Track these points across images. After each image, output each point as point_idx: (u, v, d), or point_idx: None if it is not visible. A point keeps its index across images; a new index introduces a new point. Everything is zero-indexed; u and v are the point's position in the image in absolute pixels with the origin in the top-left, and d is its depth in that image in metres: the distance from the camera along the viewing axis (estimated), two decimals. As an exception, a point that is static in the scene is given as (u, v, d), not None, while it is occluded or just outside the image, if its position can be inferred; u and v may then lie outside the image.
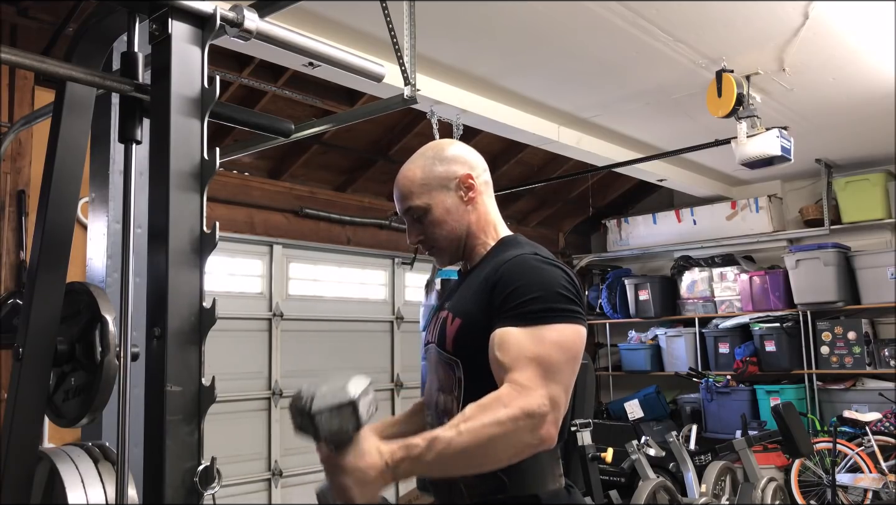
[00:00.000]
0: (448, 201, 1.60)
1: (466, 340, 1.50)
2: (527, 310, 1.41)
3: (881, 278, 6.27)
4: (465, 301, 1.56)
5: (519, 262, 1.49)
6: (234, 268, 5.36)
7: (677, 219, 7.48)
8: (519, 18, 3.67)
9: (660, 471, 4.87)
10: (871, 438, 5.52)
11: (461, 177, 1.61)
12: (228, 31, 1.68)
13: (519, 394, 1.31)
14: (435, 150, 1.65)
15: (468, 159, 1.64)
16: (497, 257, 1.56)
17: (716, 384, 6.77)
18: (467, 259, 1.66)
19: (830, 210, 6.63)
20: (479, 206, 1.63)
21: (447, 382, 1.54)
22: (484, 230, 1.64)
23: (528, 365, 1.35)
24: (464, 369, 1.50)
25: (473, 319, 1.50)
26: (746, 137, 4.42)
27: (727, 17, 3.71)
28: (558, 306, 1.42)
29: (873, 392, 6.20)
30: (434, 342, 1.60)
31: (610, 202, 7.97)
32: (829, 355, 6.44)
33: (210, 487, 1.41)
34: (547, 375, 1.35)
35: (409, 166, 1.64)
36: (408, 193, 1.62)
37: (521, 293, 1.43)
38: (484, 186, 1.65)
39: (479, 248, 1.64)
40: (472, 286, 1.55)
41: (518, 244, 1.59)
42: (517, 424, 1.29)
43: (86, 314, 1.63)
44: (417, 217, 1.63)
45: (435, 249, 1.66)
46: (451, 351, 1.53)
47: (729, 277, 7.17)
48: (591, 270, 8.27)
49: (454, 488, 1.50)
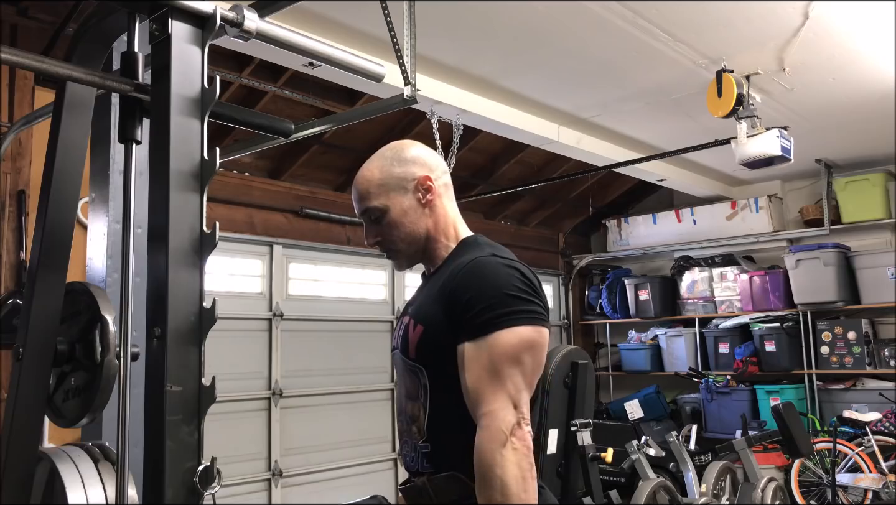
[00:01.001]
0: (406, 203, 1.60)
1: (429, 347, 1.51)
2: (479, 321, 1.43)
3: (881, 278, 6.28)
4: (426, 307, 1.56)
5: (472, 267, 1.49)
6: (234, 268, 5.36)
7: (677, 219, 7.48)
8: (519, 18, 3.67)
9: (660, 471, 4.87)
10: (871, 438, 5.52)
11: (419, 178, 1.60)
12: (228, 31, 1.67)
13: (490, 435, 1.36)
14: (394, 150, 1.65)
15: (427, 161, 1.63)
16: (456, 261, 1.56)
17: (716, 384, 6.77)
18: (429, 262, 1.66)
19: (830, 210, 6.64)
20: (438, 208, 1.62)
21: (413, 388, 1.54)
22: (444, 232, 1.63)
23: (486, 384, 1.40)
24: (428, 376, 1.51)
25: (435, 326, 1.50)
26: (746, 137, 4.42)
27: (727, 17, 3.71)
28: (509, 310, 1.43)
29: (873, 392, 6.20)
30: (398, 349, 1.60)
31: (610, 202, 7.97)
32: (829, 355, 6.45)
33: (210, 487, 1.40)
34: (502, 384, 1.39)
35: (368, 166, 1.64)
36: (365, 194, 1.62)
37: (473, 303, 1.44)
38: (443, 189, 1.64)
39: (440, 250, 1.63)
40: (433, 291, 1.55)
41: (477, 245, 1.59)
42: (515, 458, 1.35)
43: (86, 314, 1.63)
44: (375, 218, 1.63)
45: (392, 252, 1.66)
46: (414, 358, 1.53)
47: (729, 277, 7.17)
48: (591, 270, 8.27)
49: (423, 493, 1.51)
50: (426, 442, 1.52)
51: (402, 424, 1.60)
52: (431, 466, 1.51)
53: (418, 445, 1.53)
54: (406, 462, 1.59)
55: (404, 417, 1.58)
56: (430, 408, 1.50)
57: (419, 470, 1.54)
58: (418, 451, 1.53)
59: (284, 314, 5.56)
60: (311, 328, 5.75)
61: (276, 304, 5.54)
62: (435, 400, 1.49)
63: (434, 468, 1.50)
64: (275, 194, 5.51)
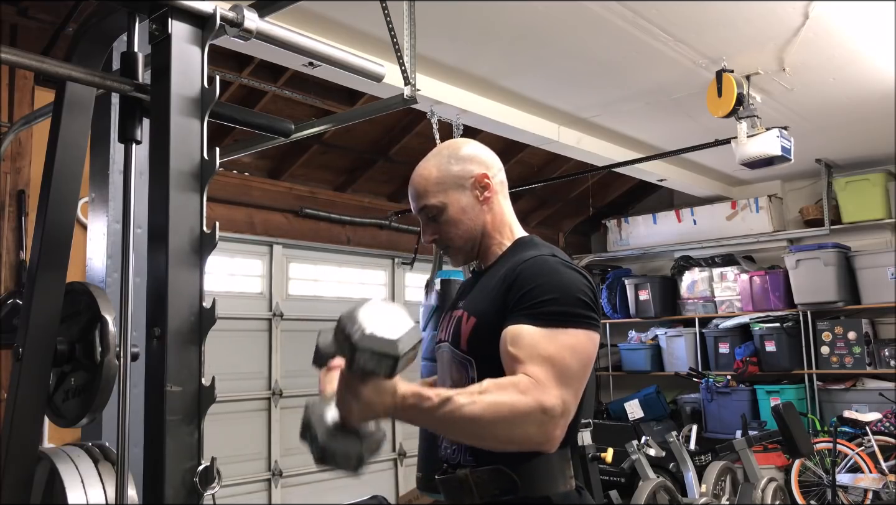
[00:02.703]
0: (463, 200, 1.59)
1: (481, 340, 1.49)
2: (544, 310, 1.39)
3: (881, 278, 6.27)
4: (480, 301, 1.54)
5: (538, 262, 1.48)
6: (234, 268, 5.36)
7: (677, 219, 7.48)
8: (519, 18, 3.67)
9: (660, 471, 4.87)
10: (871, 438, 5.52)
11: (477, 176, 1.60)
12: (228, 31, 1.68)
13: (535, 387, 1.30)
14: (451, 148, 1.64)
15: (484, 159, 1.64)
16: (514, 257, 1.54)
17: (716, 384, 6.76)
18: (482, 259, 1.65)
19: (830, 210, 6.63)
20: (495, 205, 1.62)
21: (460, 381, 1.53)
22: (500, 230, 1.63)
23: (543, 363, 1.34)
24: (477, 369, 1.49)
25: (489, 319, 1.48)
26: (746, 137, 4.42)
27: (727, 17, 3.71)
28: (575, 311, 1.40)
29: (873, 392, 6.19)
30: (448, 341, 1.59)
31: (610, 202, 7.97)
32: (829, 355, 6.44)
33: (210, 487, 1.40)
34: (561, 378, 1.33)
35: (425, 165, 1.63)
36: (423, 192, 1.60)
37: (538, 293, 1.41)
38: (500, 186, 1.64)
39: (494, 247, 1.62)
40: (489, 286, 1.54)
41: (535, 245, 1.58)
42: (529, 415, 1.28)
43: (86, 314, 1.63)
44: (432, 216, 1.61)
45: (450, 249, 1.65)
46: (465, 350, 1.52)
47: (729, 276, 7.16)
48: (591, 270, 8.27)
49: (464, 486, 1.49)
50: None
51: None
52: (474, 460, 1.49)
53: None
54: (446, 454, 1.57)
55: None
56: None
57: (461, 462, 1.52)
58: (462, 443, 1.51)
59: (284, 314, 5.56)
60: (311, 328, 5.74)
61: (276, 304, 5.54)
62: None
63: (477, 462, 1.48)
64: (275, 194, 5.51)
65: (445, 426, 1.32)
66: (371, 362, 1.21)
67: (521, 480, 1.42)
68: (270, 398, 5.41)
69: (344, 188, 5.99)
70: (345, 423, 1.26)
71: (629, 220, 7.86)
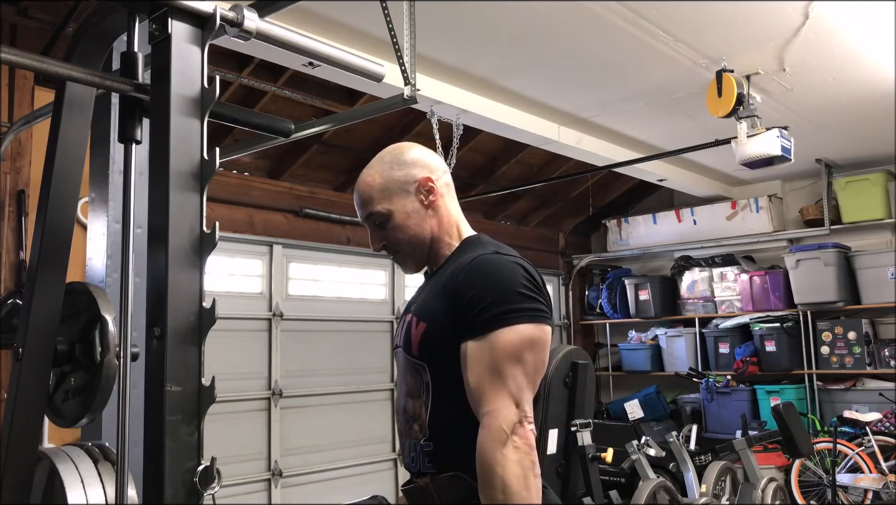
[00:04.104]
0: (409, 206, 1.60)
1: (431, 344, 1.51)
2: (481, 319, 1.43)
3: (881, 278, 6.27)
4: (429, 304, 1.56)
5: (475, 265, 1.50)
6: (234, 268, 5.36)
7: (677, 219, 7.48)
8: (519, 18, 3.67)
9: (660, 471, 4.87)
10: (871, 439, 5.52)
11: (420, 180, 1.60)
12: (228, 31, 1.67)
13: (492, 435, 1.36)
14: (393, 154, 1.65)
15: (427, 162, 1.64)
16: (458, 260, 1.56)
17: (716, 384, 6.76)
18: (433, 262, 1.66)
19: (830, 210, 6.64)
20: (441, 208, 1.63)
21: (415, 386, 1.54)
22: (448, 232, 1.64)
23: (488, 383, 1.40)
24: (430, 374, 1.51)
25: (438, 323, 1.50)
26: (746, 137, 4.42)
27: (727, 17, 3.71)
28: (511, 308, 1.43)
29: (873, 392, 6.20)
30: (401, 346, 1.60)
31: (610, 202, 7.97)
32: (829, 355, 6.44)
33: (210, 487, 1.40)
34: (503, 383, 1.39)
35: (368, 172, 1.64)
36: (367, 199, 1.62)
37: (475, 301, 1.44)
38: (445, 188, 1.65)
39: (443, 249, 1.64)
40: (436, 289, 1.56)
41: (480, 244, 1.59)
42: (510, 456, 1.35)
43: (86, 314, 1.62)
44: (379, 223, 1.63)
45: (399, 255, 1.66)
46: (416, 355, 1.53)
47: (729, 277, 7.17)
48: (591, 270, 8.27)
49: (426, 494, 1.51)
50: (428, 440, 1.51)
51: (403, 423, 1.59)
52: (434, 466, 1.50)
53: (420, 443, 1.53)
54: (406, 462, 1.59)
55: (405, 415, 1.58)
56: (432, 405, 1.50)
57: (421, 470, 1.53)
58: (419, 450, 1.53)
59: (284, 314, 5.56)
60: (311, 328, 5.74)
61: (276, 304, 5.54)
62: (437, 397, 1.49)
63: (437, 468, 1.50)
64: (275, 194, 5.51)
65: None
66: None
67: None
68: (270, 398, 5.41)
69: (344, 188, 5.99)
70: None
71: (629, 220, 7.86)
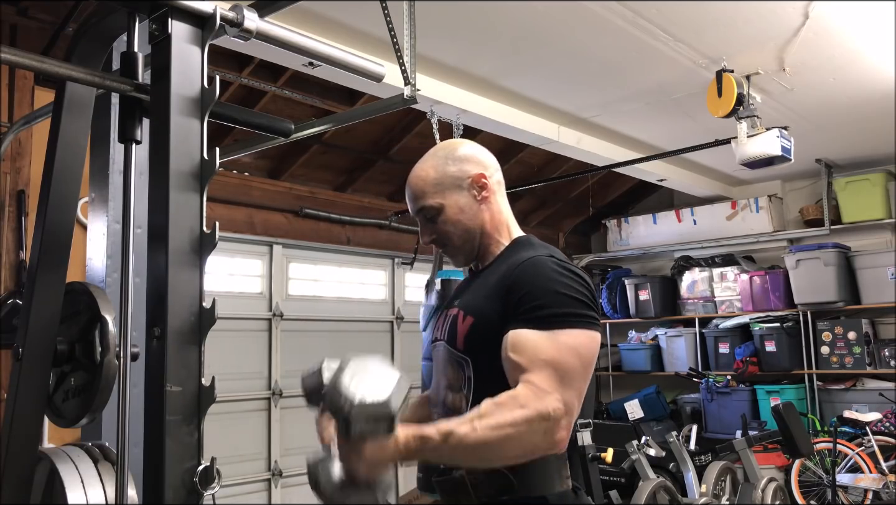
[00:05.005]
0: (461, 201, 1.59)
1: (478, 339, 1.50)
2: (543, 313, 1.40)
3: (881, 278, 6.27)
4: (477, 300, 1.55)
5: (535, 263, 1.48)
6: (234, 268, 5.36)
7: (677, 219, 7.48)
8: (519, 18, 3.67)
9: (660, 471, 4.87)
10: (871, 438, 5.52)
11: (474, 176, 1.60)
12: (228, 31, 1.68)
13: (535, 395, 1.32)
14: (447, 149, 1.65)
15: (481, 159, 1.64)
16: (511, 258, 1.55)
17: (716, 384, 6.76)
18: (480, 258, 1.65)
19: (830, 210, 6.63)
20: (493, 205, 1.63)
21: (456, 380, 1.53)
22: (497, 230, 1.63)
23: (543, 368, 1.35)
24: (473, 368, 1.50)
25: (486, 319, 1.49)
26: (746, 137, 4.42)
27: (727, 17, 3.71)
28: (574, 311, 1.41)
29: (873, 392, 6.19)
30: (443, 340, 1.59)
31: (610, 202, 7.97)
32: (829, 355, 6.44)
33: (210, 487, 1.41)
34: (562, 380, 1.35)
35: (422, 166, 1.63)
36: (420, 193, 1.61)
37: (536, 296, 1.42)
38: (497, 186, 1.65)
39: (492, 247, 1.63)
40: (486, 286, 1.54)
41: (532, 245, 1.59)
42: (531, 427, 1.30)
43: (86, 314, 1.63)
44: (430, 217, 1.61)
45: (448, 249, 1.65)
46: (461, 349, 1.52)
47: (729, 276, 7.16)
48: (591, 270, 8.26)
49: (460, 487, 1.48)
50: None
51: (441, 415, 1.57)
52: None
53: None
54: None
55: (444, 408, 1.56)
56: (473, 399, 1.48)
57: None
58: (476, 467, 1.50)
59: (284, 314, 5.56)
60: (311, 328, 5.75)
61: (276, 304, 5.54)
62: (479, 391, 1.47)
63: None
64: (275, 194, 5.51)
65: (455, 459, 1.35)
66: (368, 427, 1.23)
67: (517, 480, 1.42)
68: (270, 398, 5.41)
69: (344, 188, 5.99)
70: (353, 480, 1.29)
71: (629, 221, 7.86)
